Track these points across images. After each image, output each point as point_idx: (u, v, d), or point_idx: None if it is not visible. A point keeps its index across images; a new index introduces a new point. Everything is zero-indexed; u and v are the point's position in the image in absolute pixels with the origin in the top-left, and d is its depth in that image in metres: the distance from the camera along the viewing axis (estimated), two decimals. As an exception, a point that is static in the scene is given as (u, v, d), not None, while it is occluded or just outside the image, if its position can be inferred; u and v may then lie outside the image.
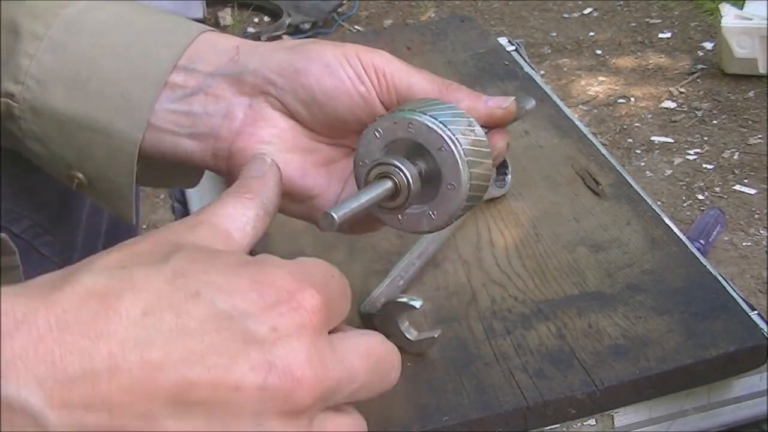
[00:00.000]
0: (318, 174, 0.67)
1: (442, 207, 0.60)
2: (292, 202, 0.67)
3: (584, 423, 0.79)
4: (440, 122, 0.58)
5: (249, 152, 0.63)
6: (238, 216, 0.50)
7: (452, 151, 0.58)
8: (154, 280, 0.42)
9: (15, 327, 0.39)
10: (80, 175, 0.65)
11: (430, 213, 0.61)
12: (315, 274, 0.47)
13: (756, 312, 0.85)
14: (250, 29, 3.14)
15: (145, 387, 0.39)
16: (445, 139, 0.58)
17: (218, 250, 0.46)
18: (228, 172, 0.65)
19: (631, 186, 1.00)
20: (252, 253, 0.50)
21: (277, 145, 0.65)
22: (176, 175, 0.73)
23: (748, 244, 2.10)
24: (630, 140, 2.47)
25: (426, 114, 0.59)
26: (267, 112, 0.65)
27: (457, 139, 0.58)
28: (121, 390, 0.39)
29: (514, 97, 0.67)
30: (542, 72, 2.77)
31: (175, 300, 0.41)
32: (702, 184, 2.29)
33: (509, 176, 0.99)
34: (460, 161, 0.58)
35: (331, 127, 0.66)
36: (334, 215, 0.56)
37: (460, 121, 0.60)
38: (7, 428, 0.39)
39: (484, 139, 0.61)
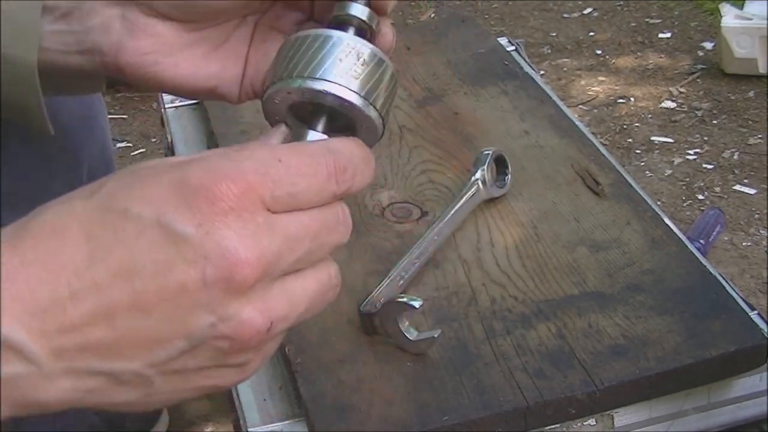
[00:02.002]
0: (211, 63, 0.66)
1: (368, 140, 0.57)
2: (199, 95, 0.68)
3: (584, 423, 0.79)
4: (329, 80, 0.54)
5: (138, 67, 0.65)
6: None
7: (350, 101, 0.55)
8: (90, 207, 0.47)
9: None
10: None
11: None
12: (244, 164, 0.48)
13: (756, 312, 0.85)
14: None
15: (103, 306, 0.45)
16: (340, 96, 0.55)
17: (146, 164, 0.49)
18: (128, 83, 0.67)
19: (631, 186, 1.00)
20: None
21: (160, 53, 0.65)
22: (79, 84, 0.75)
23: (748, 244, 2.09)
24: (630, 140, 2.46)
25: (314, 75, 0.55)
26: (141, 21, 0.65)
27: (350, 87, 0.55)
28: (85, 313, 0.45)
29: None
30: (542, 72, 2.77)
31: (109, 221, 0.46)
32: (702, 184, 2.29)
33: (509, 176, 0.99)
34: (363, 107, 0.56)
35: (207, 13, 0.65)
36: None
37: (345, 59, 0.55)
38: (4, 368, 0.44)
39: (374, 56, 0.56)
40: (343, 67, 0.55)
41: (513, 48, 1.29)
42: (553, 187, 1.01)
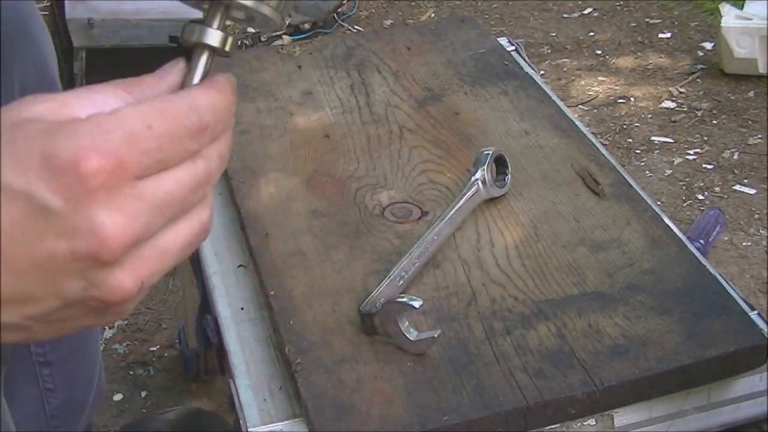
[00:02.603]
0: None
1: (266, 28, 0.59)
2: None
3: (584, 423, 0.79)
4: None
5: None
6: (99, 103, 0.50)
7: (242, 3, 0.55)
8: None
9: None
10: None
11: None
12: (112, 136, 0.47)
13: (756, 312, 0.85)
14: (250, 29, 3.14)
15: None
16: None
17: (28, 121, 0.48)
18: None
19: (631, 186, 1.00)
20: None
21: None
22: None
23: (748, 244, 2.09)
24: (630, 140, 2.46)
25: None
26: None
27: None
28: None
29: None
30: (542, 72, 2.77)
31: None
32: (702, 184, 2.29)
33: (509, 176, 0.99)
34: (254, 6, 0.55)
35: None
36: None
37: None
38: None
39: None
40: None
41: (513, 48, 1.29)
42: (553, 187, 1.01)
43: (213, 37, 0.55)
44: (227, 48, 0.55)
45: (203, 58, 0.54)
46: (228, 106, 0.54)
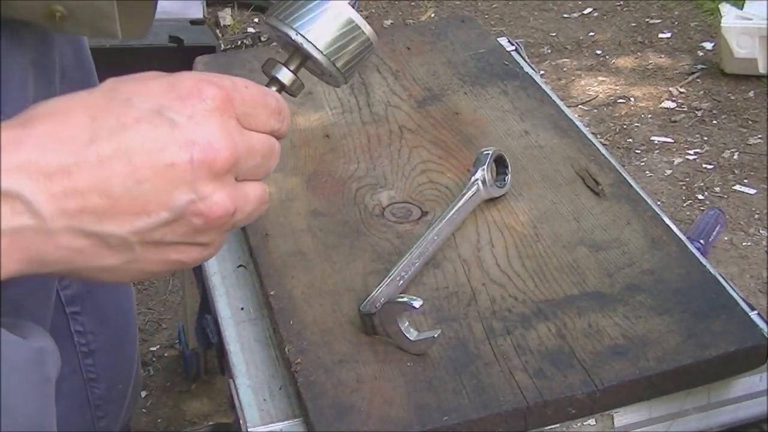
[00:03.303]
0: None
1: (332, 83, 0.71)
2: None
3: (584, 423, 0.79)
4: (302, 33, 0.66)
5: None
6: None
7: (314, 56, 0.66)
8: (94, 96, 0.56)
9: (5, 146, 0.52)
10: (60, 7, 0.69)
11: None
12: (223, 80, 0.58)
13: (756, 312, 0.85)
14: (250, 29, 3.13)
15: (103, 176, 0.53)
16: (307, 50, 0.66)
17: (136, 75, 0.58)
18: None
19: (631, 186, 1.00)
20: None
21: None
22: None
23: (748, 244, 2.09)
24: (630, 140, 2.46)
25: (293, 26, 0.66)
26: None
27: (316, 45, 0.66)
28: (87, 180, 0.53)
29: None
30: (542, 72, 2.77)
31: (113, 106, 0.55)
32: (702, 184, 2.28)
33: (509, 176, 0.99)
34: (324, 63, 0.67)
35: None
36: None
37: (323, 19, 0.66)
38: (7, 217, 0.52)
39: (350, 22, 0.67)
40: (319, 27, 0.66)
41: (513, 48, 1.29)
42: (553, 187, 1.01)
43: (285, 76, 0.67)
44: (293, 88, 0.67)
45: (273, 89, 0.66)
46: (287, 126, 0.64)
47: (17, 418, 0.59)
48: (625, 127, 2.53)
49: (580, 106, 2.63)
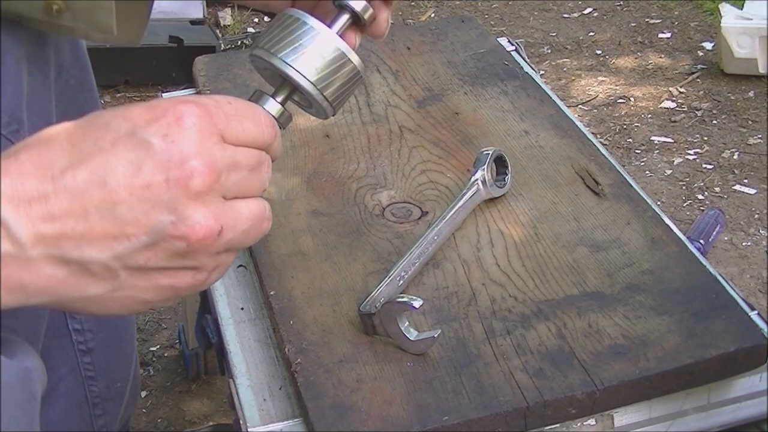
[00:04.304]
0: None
1: (319, 115, 0.71)
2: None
3: (584, 423, 0.79)
4: (290, 64, 0.66)
5: None
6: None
7: (302, 86, 0.66)
8: (77, 123, 0.56)
9: None
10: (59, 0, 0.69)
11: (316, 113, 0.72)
12: (204, 98, 0.58)
13: (756, 312, 0.85)
14: (250, 29, 3.14)
15: (80, 200, 0.53)
16: (295, 80, 0.66)
17: (131, 104, 0.59)
18: None
19: (631, 186, 1.00)
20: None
21: None
22: None
23: (748, 244, 2.09)
24: (630, 140, 2.46)
25: (280, 56, 0.66)
26: None
27: (305, 75, 0.66)
28: (64, 205, 0.53)
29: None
30: (542, 72, 2.77)
31: (92, 131, 0.56)
32: (702, 184, 2.28)
33: (509, 176, 0.99)
34: (313, 93, 0.67)
35: None
36: None
37: (311, 50, 0.66)
38: None
39: (337, 51, 0.67)
40: (307, 56, 0.66)
41: (513, 48, 1.29)
42: (553, 187, 1.01)
43: (273, 107, 0.66)
44: (282, 120, 0.67)
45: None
46: (279, 143, 0.64)
47: None
48: (625, 127, 2.53)
49: (580, 106, 2.63)
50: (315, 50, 0.66)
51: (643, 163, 2.38)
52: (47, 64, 0.86)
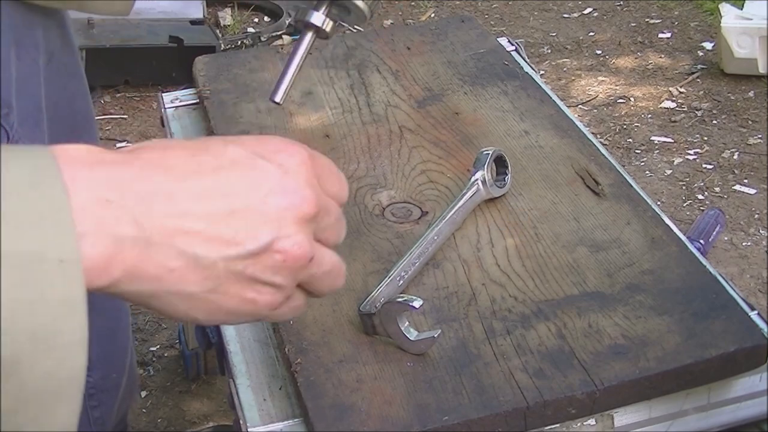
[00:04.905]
0: None
1: (358, 21, 0.76)
2: None
3: (584, 423, 0.79)
4: None
5: None
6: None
7: None
8: (190, 141, 0.61)
9: (113, 165, 0.57)
10: None
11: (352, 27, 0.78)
12: (302, 146, 0.63)
13: (756, 312, 0.85)
14: (250, 29, 3.14)
15: (202, 204, 0.58)
16: None
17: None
18: None
19: (631, 186, 1.00)
20: None
21: None
22: None
23: (748, 244, 2.09)
24: (630, 140, 2.47)
25: None
26: None
27: None
28: (188, 205, 0.57)
29: None
30: (542, 72, 2.77)
31: (211, 149, 0.60)
32: (702, 184, 2.29)
33: (509, 176, 0.99)
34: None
35: None
36: (278, 101, 0.84)
37: None
38: (112, 225, 0.54)
39: None
40: None
41: (513, 48, 1.29)
42: (553, 187, 1.01)
43: (318, 19, 0.72)
44: (328, 29, 0.72)
45: (309, 35, 0.72)
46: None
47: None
48: (625, 127, 2.53)
49: (580, 106, 2.63)
50: None
51: (643, 163, 2.38)
52: (36, 50, 0.86)
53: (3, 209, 0.50)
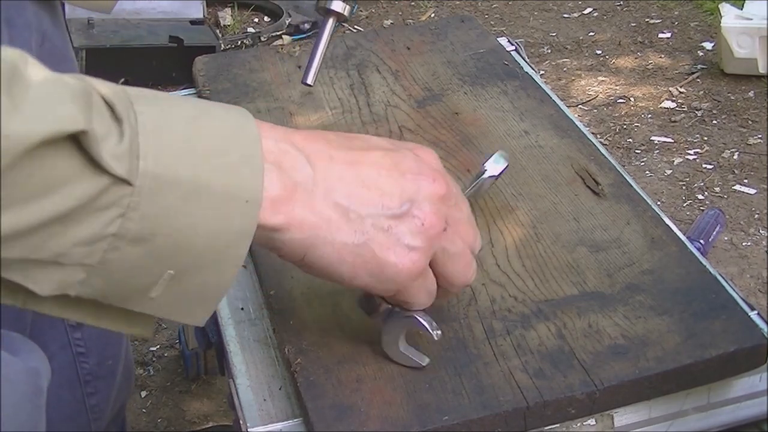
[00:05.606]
0: None
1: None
2: None
3: (584, 423, 0.79)
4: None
5: None
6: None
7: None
8: (332, 134, 0.71)
9: (283, 128, 0.68)
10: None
11: None
12: (435, 165, 0.74)
13: (756, 312, 0.85)
14: (250, 29, 3.14)
15: (354, 169, 0.68)
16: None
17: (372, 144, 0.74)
18: None
19: (631, 186, 1.00)
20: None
21: None
22: None
23: (748, 244, 2.09)
24: (630, 140, 2.46)
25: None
26: None
27: None
28: (344, 167, 0.68)
29: None
30: (542, 72, 2.77)
31: (361, 136, 0.73)
32: (702, 184, 2.29)
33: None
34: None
35: None
36: (310, 83, 0.95)
37: None
38: (295, 169, 0.66)
39: None
40: None
41: (513, 48, 1.29)
42: (553, 187, 1.01)
43: (339, 5, 0.77)
44: (346, 14, 0.78)
45: (330, 21, 0.77)
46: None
47: (11, 428, 0.60)
48: (625, 127, 2.53)
49: (580, 106, 2.63)
50: None
51: (643, 163, 2.38)
52: (28, 30, 0.86)
53: (212, 148, 0.60)
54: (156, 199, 0.57)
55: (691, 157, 2.39)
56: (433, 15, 3.18)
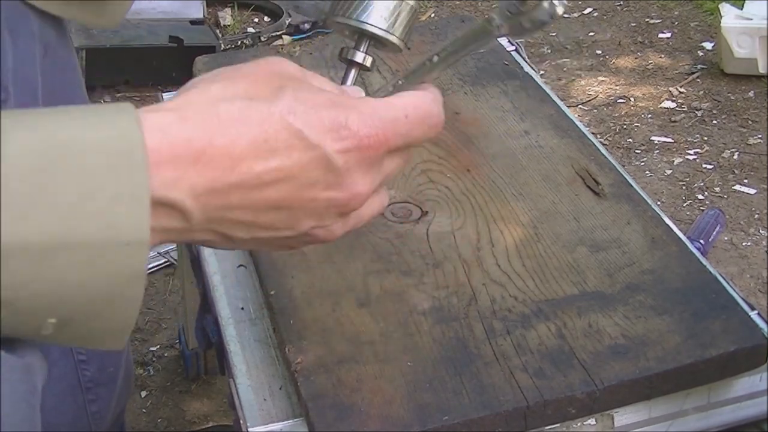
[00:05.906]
0: None
1: (393, 51, 0.80)
2: None
3: (584, 423, 0.79)
4: (361, 20, 0.77)
5: None
6: (326, 83, 0.64)
7: (378, 34, 0.76)
8: (272, 114, 0.59)
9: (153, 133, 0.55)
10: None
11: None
12: (385, 118, 0.62)
13: (756, 312, 0.85)
14: (250, 29, 3.14)
15: (256, 199, 0.58)
16: (374, 33, 0.76)
17: (316, 89, 0.62)
18: None
19: (631, 186, 1.00)
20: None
21: None
22: None
23: (748, 244, 2.09)
24: (630, 140, 2.46)
25: (360, 18, 0.77)
26: None
27: (377, 26, 0.76)
28: (242, 200, 0.58)
29: None
30: (542, 72, 2.77)
31: (284, 134, 0.58)
32: (702, 184, 2.29)
33: None
34: (386, 36, 0.77)
35: None
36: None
37: (376, 5, 0.77)
38: (163, 220, 0.56)
39: (396, 1, 0.77)
40: (375, 11, 0.78)
41: (513, 48, 1.29)
42: (553, 187, 1.01)
43: (360, 57, 0.78)
44: (368, 64, 0.78)
45: (353, 71, 0.78)
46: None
47: (6, 427, 0.59)
48: (625, 127, 2.53)
49: (580, 106, 2.63)
50: (380, 4, 0.78)
51: (643, 163, 2.38)
52: (32, 40, 0.86)
53: (69, 195, 0.53)
54: (5, 269, 0.52)
55: (691, 157, 2.39)
56: (433, 15, 3.17)
